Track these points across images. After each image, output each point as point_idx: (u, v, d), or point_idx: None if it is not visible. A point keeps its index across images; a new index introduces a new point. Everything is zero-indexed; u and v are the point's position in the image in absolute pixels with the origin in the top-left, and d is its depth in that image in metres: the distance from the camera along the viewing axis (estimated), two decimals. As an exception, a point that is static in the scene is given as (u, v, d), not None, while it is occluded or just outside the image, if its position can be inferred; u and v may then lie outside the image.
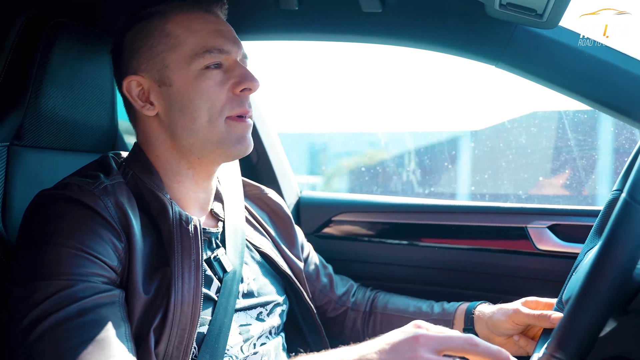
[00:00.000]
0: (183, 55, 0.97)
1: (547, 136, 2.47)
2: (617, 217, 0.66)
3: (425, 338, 0.71)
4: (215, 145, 0.98)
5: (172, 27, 0.98)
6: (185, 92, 0.97)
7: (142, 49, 0.99)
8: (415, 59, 2.67)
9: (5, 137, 1.05)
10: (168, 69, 0.98)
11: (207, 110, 0.96)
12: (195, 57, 0.96)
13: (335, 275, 1.35)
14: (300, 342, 1.16)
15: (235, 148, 0.99)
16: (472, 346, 0.71)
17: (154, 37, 0.98)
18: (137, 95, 1.00)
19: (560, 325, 0.67)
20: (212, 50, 0.97)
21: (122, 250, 0.87)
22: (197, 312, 0.89)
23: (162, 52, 0.98)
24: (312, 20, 1.32)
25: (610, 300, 0.64)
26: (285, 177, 1.77)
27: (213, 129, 0.97)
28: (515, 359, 0.73)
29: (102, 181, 0.91)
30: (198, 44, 0.97)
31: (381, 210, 1.64)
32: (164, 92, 0.98)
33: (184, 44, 0.97)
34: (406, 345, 0.71)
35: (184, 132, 0.98)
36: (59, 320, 0.77)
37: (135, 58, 1.00)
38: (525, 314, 1.00)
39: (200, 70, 0.97)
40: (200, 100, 0.96)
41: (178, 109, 0.97)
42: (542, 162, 2.45)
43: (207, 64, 0.97)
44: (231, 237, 1.05)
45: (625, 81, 1.12)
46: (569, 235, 1.39)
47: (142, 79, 0.99)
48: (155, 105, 0.99)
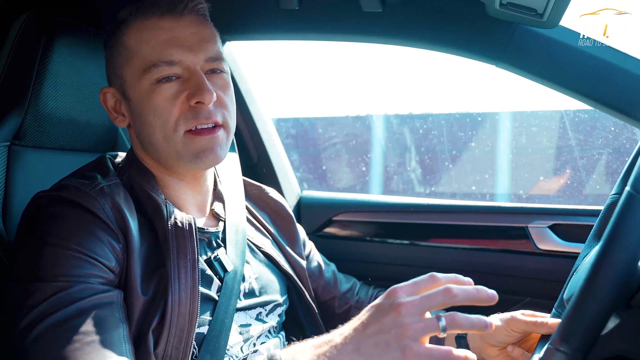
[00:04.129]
0: (136, 70, 0.94)
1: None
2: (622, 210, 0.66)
3: (406, 306, 0.68)
4: (174, 159, 0.96)
5: (126, 39, 0.95)
6: (141, 108, 0.95)
7: (109, 62, 1.00)
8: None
9: (5, 137, 1.05)
10: (126, 84, 0.96)
11: (160, 126, 0.93)
12: (146, 71, 0.92)
13: (338, 273, 1.35)
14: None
15: (194, 163, 0.95)
16: (452, 297, 0.68)
17: (117, 50, 0.97)
18: (112, 106, 1.01)
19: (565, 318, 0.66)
20: (158, 63, 0.92)
21: (119, 251, 0.87)
22: (195, 312, 0.89)
23: (120, 66, 0.97)
24: (312, 20, 1.32)
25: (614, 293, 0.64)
26: (285, 176, 1.77)
27: (169, 144, 0.94)
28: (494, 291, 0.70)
29: (99, 182, 0.91)
30: (146, 57, 0.93)
31: (382, 209, 1.64)
32: (128, 105, 0.98)
33: (136, 57, 0.94)
34: (391, 320, 0.68)
35: (149, 144, 0.98)
36: (57, 322, 0.77)
37: (108, 70, 1.01)
38: (523, 321, 0.94)
39: (152, 84, 0.93)
40: (153, 116, 0.93)
41: (140, 123, 0.97)
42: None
43: (156, 77, 0.92)
44: (232, 237, 1.05)
45: (626, 81, 1.11)
46: (570, 235, 1.39)
47: (113, 90, 1.00)
48: (125, 117, 1.00)
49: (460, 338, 1.06)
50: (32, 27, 1.09)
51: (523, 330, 0.96)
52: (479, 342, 1.03)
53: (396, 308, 0.68)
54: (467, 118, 2.63)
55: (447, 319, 0.67)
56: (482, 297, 0.69)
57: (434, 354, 0.66)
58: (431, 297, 0.68)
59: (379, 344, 0.67)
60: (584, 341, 0.65)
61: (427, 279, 0.71)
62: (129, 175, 0.99)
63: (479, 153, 2.57)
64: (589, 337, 0.65)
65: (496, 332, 0.99)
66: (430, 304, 0.68)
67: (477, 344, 1.03)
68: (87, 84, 1.17)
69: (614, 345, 0.73)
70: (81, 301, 0.79)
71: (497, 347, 1.00)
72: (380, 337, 0.68)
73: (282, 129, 2.76)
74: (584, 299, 0.65)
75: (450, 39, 1.23)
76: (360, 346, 0.68)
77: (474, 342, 1.04)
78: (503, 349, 0.99)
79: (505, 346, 0.99)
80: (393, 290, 0.71)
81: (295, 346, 0.74)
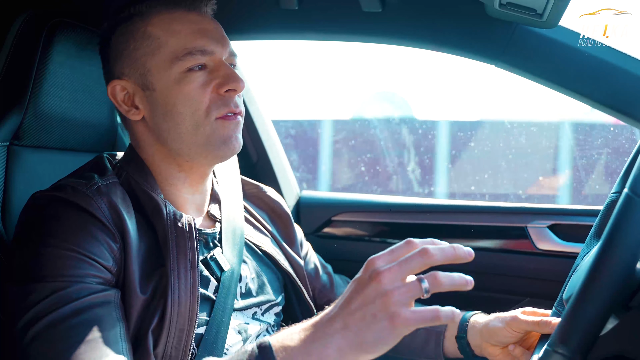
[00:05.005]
0: (164, 59, 0.95)
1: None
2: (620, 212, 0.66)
3: (385, 274, 0.67)
4: (201, 147, 0.97)
5: (152, 30, 0.96)
6: (168, 97, 0.95)
7: (124, 53, 0.98)
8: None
9: (5, 137, 1.05)
10: (150, 73, 0.96)
11: (191, 114, 0.94)
12: (176, 60, 0.94)
13: (334, 275, 1.35)
14: None
15: (221, 150, 0.97)
16: (429, 258, 0.67)
17: (135, 40, 0.97)
18: (122, 99, 0.99)
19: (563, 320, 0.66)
20: (193, 52, 0.94)
21: (117, 251, 0.87)
22: (195, 312, 0.89)
23: (143, 56, 0.96)
24: (312, 19, 1.32)
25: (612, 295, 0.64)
26: (285, 176, 1.77)
27: (198, 132, 0.95)
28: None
29: (96, 182, 0.91)
30: (179, 46, 0.94)
31: (381, 210, 1.64)
32: (147, 97, 0.97)
33: (165, 46, 0.95)
34: (373, 291, 0.67)
35: (170, 136, 0.97)
36: (54, 321, 0.77)
37: (119, 62, 0.99)
38: (524, 320, 0.95)
39: (182, 73, 0.94)
40: (183, 104, 0.94)
41: (162, 114, 0.96)
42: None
43: (189, 66, 0.94)
44: (229, 237, 1.05)
45: (625, 81, 1.12)
46: (569, 235, 1.39)
47: (127, 83, 0.98)
48: (140, 109, 0.98)
49: (461, 338, 1.07)
50: (31, 26, 1.09)
51: (524, 330, 0.96)
52: (480, 341, 1.03)
53: (376, 277, 0.67)
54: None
55: (428, 280, 0.66)
56: (460, 254, 0.68)
57: (423, 315, 0.65)
58: (409, 261, 0.67)
59: (365, 316, 0.66)
60: (582, 342, 0.64)
61: (403, 245, 0.70)
62: (127, 174, 0.98)
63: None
64: (587, 338, 0.65)
65: (497, 333, 1.00)
66: (409, 267, 0.67)
67: (478, 344, 1.04)
68: (86, 84, 1.16)
69: (613, 347, 0.73)
70: (78, 301, 0.79)
71: (499, 346, 1.00)
72: (365, 309, 0.67)
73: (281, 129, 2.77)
74: (582, 300, 0.65)
75: (450, 39, 1.23)
76: (348, 322, 0.67)
77: (475, 342, 1.04)
78: (504, 348, 1.00)
79: (506, 345, 1.00)
80: (370, 261, 0.70)
81: (284, 331, 0.73)
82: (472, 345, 1.05)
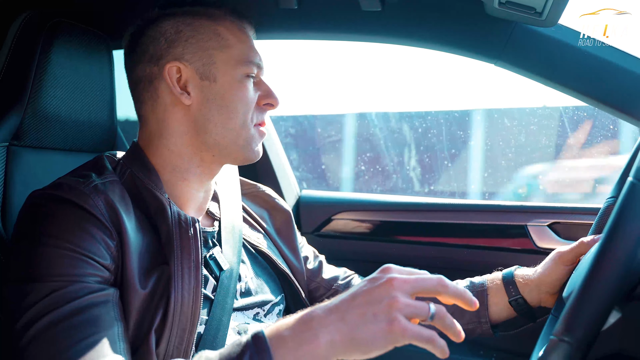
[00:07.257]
0: (231, 58, 1.01)
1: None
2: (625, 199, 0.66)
3: (399, 281, 0.69)
4: (238, 147, 1.02)
5: (223, 30, 1.02)
6: (228, 92, 1.00)
7: (191, 40, 1.00)
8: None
9: (4, 137, 1.05)
10: (214, 66, 1.00)
11: (243, 114, 1.01)
12: (241, 64, 1.01)
13: (328, 264, 1.32)
14: None
15: (253, 154, 1.04)
16: (443, 287, 0.70)
17: (204, 33, 1.01)
18: (176, 81, 1.00)
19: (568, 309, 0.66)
20: (253, 62, 1.03)
21: (114, 248, 0.87)
22: (197, 312, 0.89)
23: (211, 49, 1.00)
24: (311, 19, 1.32)
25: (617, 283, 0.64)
26: (284, 176, 1.77)
27: (242, 132, 1.01)
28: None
29: (93, 180, 0.91)
30: (244, 53, 1.02)
31: (381, 208, 1.65)
32: (204, 86, 1.00)
33: (233, 48, 1.02)
34: (383, 292, 0.68)
35: (216, 128, 1.00)
36: (52, 321, 0.77)
37: (180, 46, 1.00)
38: (569, 250, 1.02)
39: (243, 76, 1.02)
40: (240, 103, 1.01)
41: (218, 106, 1.00)
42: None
43: (248, 72, 1.02)
44: (228, 236, 1.05)
45: (625, 79, 1.12)
46: (569, 233, 1.39)
47: (185, 67, 1.00)
48: (191, 96, 1.00)
49: (516, 300, 1.09)
50: (31, 27, 1.09)
51: (575, 258, 1.02)
52: (537, 294, 1.07)
53: (389, 281, 0.69)
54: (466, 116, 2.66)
55: (437, 309, 0.69)
56: (467, 298, 0.71)
57: (420, 332, 0.66)
58: (425, 280, 0.70)
59: (366, 314, 0.68)
60: (588, 331, 0.65)
61: (421, 271, 0.74)
62: (132, 172, 0.99)
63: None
64: (593, 326, 0.65)
65: (555, 272, 1.04)
66: (422, 285, 0.70)
67: (535, 296, 1.07)
68: (86, 84, 1.16)
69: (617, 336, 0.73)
70: (77, 300, 0.79)
71: (554, 292, 1.05)
72: (369, 307, 0.68)
73: (281, 127, 2.76)
74: (588, 288, 0.65)
75: (450, 38, 1.23)
76: (346, 315, 0.68)
77: (531, 296, 1.07)
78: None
79: (559, 287, 1.04)
80: (388, 266, 0.73)
81: (280, 321, 0.74)
82: (529, 299, 1.08)
